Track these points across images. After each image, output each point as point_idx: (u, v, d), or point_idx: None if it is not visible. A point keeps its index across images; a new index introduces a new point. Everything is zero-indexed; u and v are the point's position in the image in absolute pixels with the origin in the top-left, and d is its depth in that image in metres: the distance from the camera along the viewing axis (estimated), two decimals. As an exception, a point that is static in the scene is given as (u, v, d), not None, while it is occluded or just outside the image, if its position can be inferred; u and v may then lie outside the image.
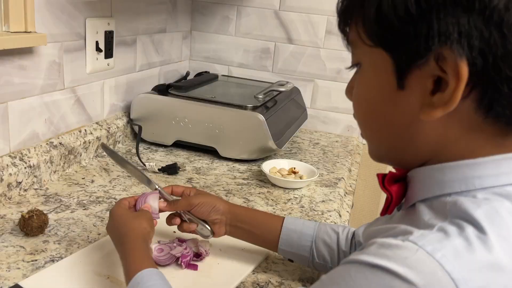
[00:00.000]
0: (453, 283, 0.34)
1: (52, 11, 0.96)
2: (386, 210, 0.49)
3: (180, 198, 0.77)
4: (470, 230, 0.37)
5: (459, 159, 0.43)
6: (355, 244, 0.71)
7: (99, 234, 0.82)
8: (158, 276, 0.59)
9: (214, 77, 1.58)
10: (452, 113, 0.40)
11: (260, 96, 1.31)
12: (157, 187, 0.76)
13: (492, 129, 0.41)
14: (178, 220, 0.76)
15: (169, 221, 0.76)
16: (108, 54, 1.16)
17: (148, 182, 0.78)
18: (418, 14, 0.39)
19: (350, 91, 0.52)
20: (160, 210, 0.74)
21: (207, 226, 0.75)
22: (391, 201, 0.49)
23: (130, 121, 1.27)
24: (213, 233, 0.75)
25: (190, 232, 0.76)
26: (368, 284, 0.36)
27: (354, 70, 0.50)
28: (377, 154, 0.51)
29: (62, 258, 0.73)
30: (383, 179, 0.49)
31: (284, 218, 0.75)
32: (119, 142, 1.24)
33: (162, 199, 0.75)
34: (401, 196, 0.49)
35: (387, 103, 0.45)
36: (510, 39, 0.37)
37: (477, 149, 0.42)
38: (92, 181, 1.03)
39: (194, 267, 0.74)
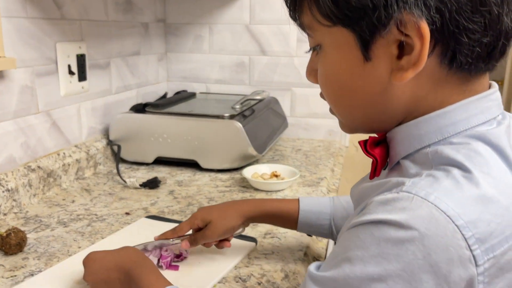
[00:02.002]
0: (449, 219, 0.37)
1: (20, 37, 0.98)
2: (374, 173, 0.51)
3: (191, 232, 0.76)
4: (455, 171, 0.40)
5: (431, 112, 0.45)
6: None
7: (79, 247, 0.81)
8: None
9: (192, 95, 1.60)
10: (419, 72, 0.42)
11: (237, 106, 1.32)
12: (171, 241, 0.74)
13: (456, 79, 0.44)
14: (214, 243, 0.76)
15: (204, 245, 0.76)
16: (82, 77, 1.17)
17: (160, 245, 0.74)
18: None
19: (311, 74, 0.53)
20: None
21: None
22: (376, 164, 0.50)
23: (110, 142, 1.28)
24: (244, 229, 0.80)
25: (228, 245, 0.77)
26: (375, 240, 0.38)
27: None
28: (351, 126, 0.53)
29: (41, 271, 0.73)
30: (365, 145, 0.50)
31: (299, 200, 0.77)
32: (100, 164, 1.25)
33: (183, 241, 0.73)
34: (385, 157, 0.51)
35: (356, 77, 0.46)
36: None
37: (445, 100, 0.45)
38: (73, 201, 1.02)
39: (175, 268, 0.73)
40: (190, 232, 0.76)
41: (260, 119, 1.36)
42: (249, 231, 0.88)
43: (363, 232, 0.39)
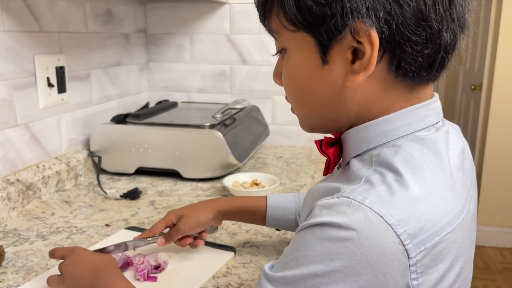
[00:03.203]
0: (382, 219, 0.41)
1: (-3, 50, 0.98)
2: (328, 170, 0.56)
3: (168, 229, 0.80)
4: (389, 176, 0.44)
5: (379, 116, 0.50)
6: None
7: (58, 260, 0.81)
8: None
9: (173, 104, 1.60)
10: (370, 77, 0.48)
11: (218, 116, 1.33)
12: (149, 240, 0.79)
13: (403, 86, 0.49)
14: (188, 240, 0.80)
15: (179, 243, 0.81)
16: (61, 89, 1.18)
17: (135, 245, 0.79)
18: None
19: (277, 76, 0.57)
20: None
21: (208, 227, 0.82)
22: (329, 162, 0.55)
23: (91, 154, 1.28)
24: (217, 227, 0.86)
25: (201, 243, 0.81)
26: (319, 241, 0.42)
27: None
28: (310, 125, 0.57)
29: (19, 286, 0.73)
30: (320, 144, 0.56)
31: (267, 197, 0.82)
32: (81, 176, 1.25)
33: (159, 238, 0.79)
34: (338, 157, 0.56)
35: (315, 78, 0.51)
36: (406, 8, 0.44)
37: (392, 106, 0.50)
38: (53, 214, 1.02)
39: (153, 279, 0.74)
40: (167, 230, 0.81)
41: (242, 128, 1.37)
42: (228, 240, 0.89)
43: (309, 234, 0.43)
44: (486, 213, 2.82)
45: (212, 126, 1.24)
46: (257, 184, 1.17)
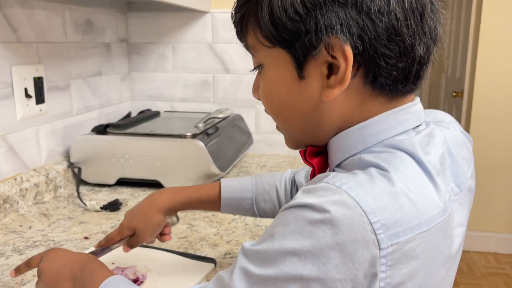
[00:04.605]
0: (357, 204, 0.41)
1: (-27, 61, 0.96)
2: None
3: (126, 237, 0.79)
4: (373, 169, 0.45)
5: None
6: (296, 189, 0.77)
7: (34, 275, 0.79)
8: (123, 280, 0.60)
9: (156, 114, 1.59)
10: (346, 91, 0.48)
11: (200, 125, 1.33)
12: (109, 249, 0.77)
13: (381, 98, 0.50)
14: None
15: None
16: (39, 100, 1.16)
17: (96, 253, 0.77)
18: (305, 13, 0.46)
19: (256, 91, 0.58)
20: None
21: (168, 221, 0.81)
22: (314, 171, 0.55)
23: (71, 165, 1.26)
24: (178, 219, 0.84)
25: (168, 238, 0.82)
26: (296, 220, 0.43)
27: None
28: (294, 141, 0.58)
29: (-8, 304, 0.71)
30: (304, 154, 0.56)
31: (220, 184, 0.81)
32: (60, 187, 1.23)
33: (124, 246, 0.78)
34: (324, 166, 0.56)
35: (293, 93, 0.51)
36: (378, 23, 0.45)
37: (370, 116, 0.50)
38: (30, 227, 1.00)
39: (131, 293, 0.72)
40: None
41: (225, 137, 1.37)
42: (209, 251, 0.88)
43: (288, 213, 0.44)
44: (470, 218, 2.85)
45: (194, 136, 1.24)
46: (239, 194, 1.16)
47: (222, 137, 1.35)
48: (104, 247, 0.77)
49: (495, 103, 2.66)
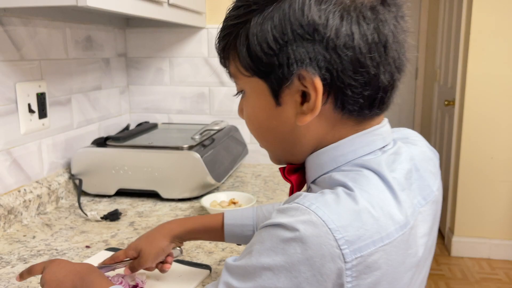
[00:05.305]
0: (324, 223, 0.46)
1: (-21, 79, 1.01)
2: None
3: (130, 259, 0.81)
4: (340, 189, 0.50)
5: None
6: None
7: (39, 283, 0.84)
8: None
9: (154, 126, 1.64)
10: (319, 116, 0.54)
11: (197, 137, 1.38)
12: (113, 266, 0.80)
13: (350, 121, 0.55)
14: (153, 268, 0.82)
15: (147, 269, 0.82)
16: (42, 114, 1.21)
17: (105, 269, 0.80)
18: (278, 49, 0.51)
19: (241, 112, 0.63)
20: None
21: (172, 251, 0.83)
22: (293, 187, 0.61)
23: (72, 176, 1.31)
24: (181, 252, 0.87)
25: (168, 267, 0.82)
26: (271, 238, 0.47)
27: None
28: (276, 158, 0.63)
29: (0, 309, 0.75)
30: (283, 170, 0.61)
31: (223, 215, 0.85)
32: (62, 198, 1.27)
33: (125, 268, 0.79)
34: (302, 182, 0.61)
35: (271, 118, 0.57)
36: (344, 57, 0.50)
37: (341, 137, 0.55)
38: (34, 237, 1.05)
39: (131, 298, 0.77)
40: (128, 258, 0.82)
41: (220, 148, 1.42)
42: (204, 259, 0.93)
43: (264, 231, 0.48)
44: (462, 224, 2.90)
45: (190, 148, 1.29)
46: (234, 203, 1.21)
47: (218, 148, 1.40)
48: (108, 264, 0.80)
49: (486, 111, 2.72)
